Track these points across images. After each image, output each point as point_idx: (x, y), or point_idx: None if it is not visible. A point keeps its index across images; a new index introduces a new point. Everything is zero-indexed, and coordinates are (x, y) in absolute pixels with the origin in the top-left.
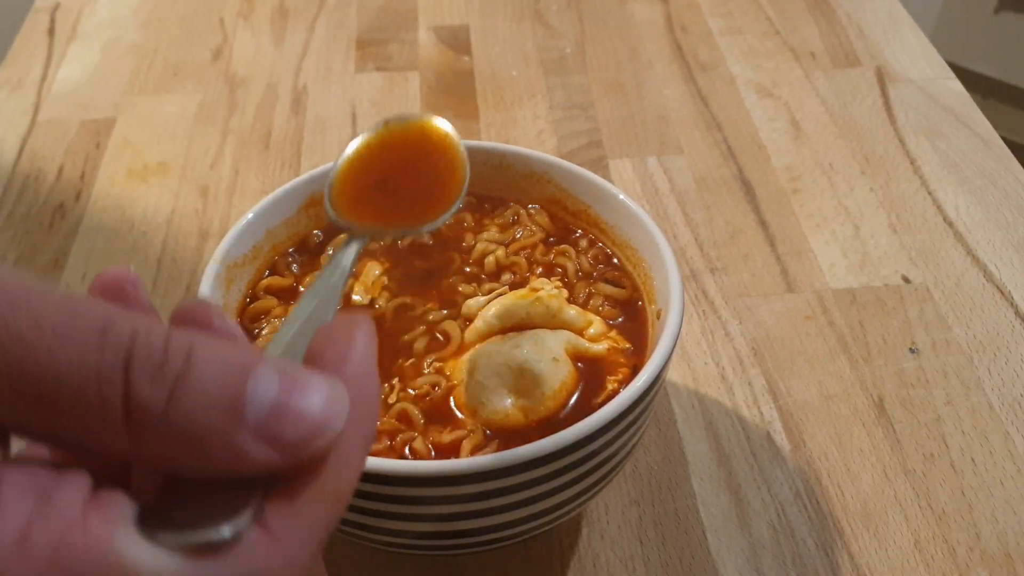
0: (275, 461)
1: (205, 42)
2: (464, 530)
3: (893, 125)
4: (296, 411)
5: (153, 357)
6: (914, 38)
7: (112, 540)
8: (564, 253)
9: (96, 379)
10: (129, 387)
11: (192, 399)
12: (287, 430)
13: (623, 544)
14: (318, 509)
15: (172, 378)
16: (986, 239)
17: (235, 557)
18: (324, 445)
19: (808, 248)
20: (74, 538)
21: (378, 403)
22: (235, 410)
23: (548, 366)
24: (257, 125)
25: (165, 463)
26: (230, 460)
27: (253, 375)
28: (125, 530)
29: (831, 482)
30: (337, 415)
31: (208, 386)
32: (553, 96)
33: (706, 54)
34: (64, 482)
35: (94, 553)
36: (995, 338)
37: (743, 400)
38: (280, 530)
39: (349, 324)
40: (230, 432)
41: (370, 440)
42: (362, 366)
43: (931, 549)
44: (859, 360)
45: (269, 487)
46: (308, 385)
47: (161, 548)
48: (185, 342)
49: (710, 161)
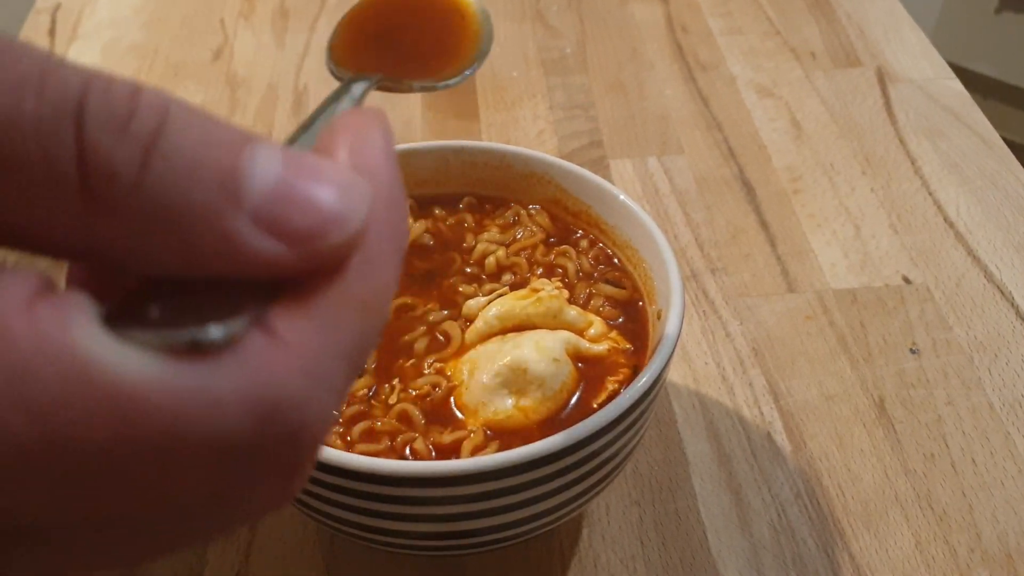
0: (281, 257)
1: (206, 42)
2: (465, 531)
3: (894, 125)
4: (306, 196)
5: (115, 108)
6: (915, 38)
7: (67, 333)
8: (564, 254)
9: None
10: (84, 143)
11: (173, 164)
12: (295, 217)
13: (624, 544)
14: (342, 316)
15: (145, 135)
16: (987, 239)
17: (234, 362)
18: (343, 240)
19: (809, 248)
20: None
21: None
22: (230, 185)
23: (549, 367)
24: (258, 125)
25: (136, 254)
26: (223, 250)
27: (249, 149)
28: (85, 324)
29: (832, 482)
30: (357, 204)
31: (193, 152)
32: (553, 96)
33: (706, 54)
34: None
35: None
36: (996, 338)
37: (744, 400)
38: (291, 335)
39: (362, 115)
40: (224, 212)
41: (402, 244)
42: (380, 157)
43: (932, 550)
44: (860, 360)
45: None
46: (318, 169)
47: (133, 347)
48: (158, 99)
49: (711, 161)
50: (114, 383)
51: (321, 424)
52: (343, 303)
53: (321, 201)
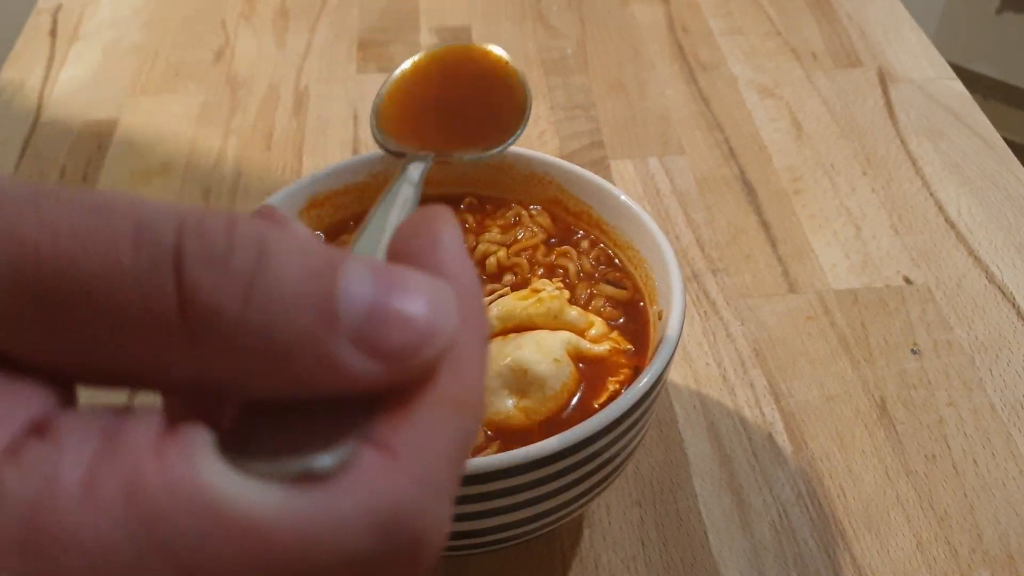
0: (378, 376)
1: (207, 43)
2: (466, 531)
3: (895, 125)
4: (400, 313)
5: (214, 248)
6: (915, 38)
7: (195, 472)
8: (565, 254)
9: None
10: (184, 287)
11: (274, 297)
12: (392, 336)
13: (625, 545)
14: (442, 419)
15: (246, 272)
16: (988, 240)
17: (350, 481)
18: (436, 353)
19: (810, 249)
20: (149, 476)
21: (481, 292)
22: (328, 312)
23: (549, 367)
24: (259, 126)
25: (240, 383)
26: (324, 376)
27: (342, 271)
28: (208, 461)
29: (833, 483)
30: (447, 315)
31: (292, 282)
32: (554, 97)
33: (707, 54)
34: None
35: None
36: (997, 339)
37: (745, 401)
38: (398, 447)
39: (428, 216)
40: (324, 338)
41: (485, 339)
42: (456, 257)
43: (933, 550)
44: (861, 361)
45: (371, 409)
46: (407, 282)
47: (253, 479)
48: (254, 230)
49: (711, 162)
50: (245, 518)
51: (438, 529)
52: (441, 407)
53: (414, 317)
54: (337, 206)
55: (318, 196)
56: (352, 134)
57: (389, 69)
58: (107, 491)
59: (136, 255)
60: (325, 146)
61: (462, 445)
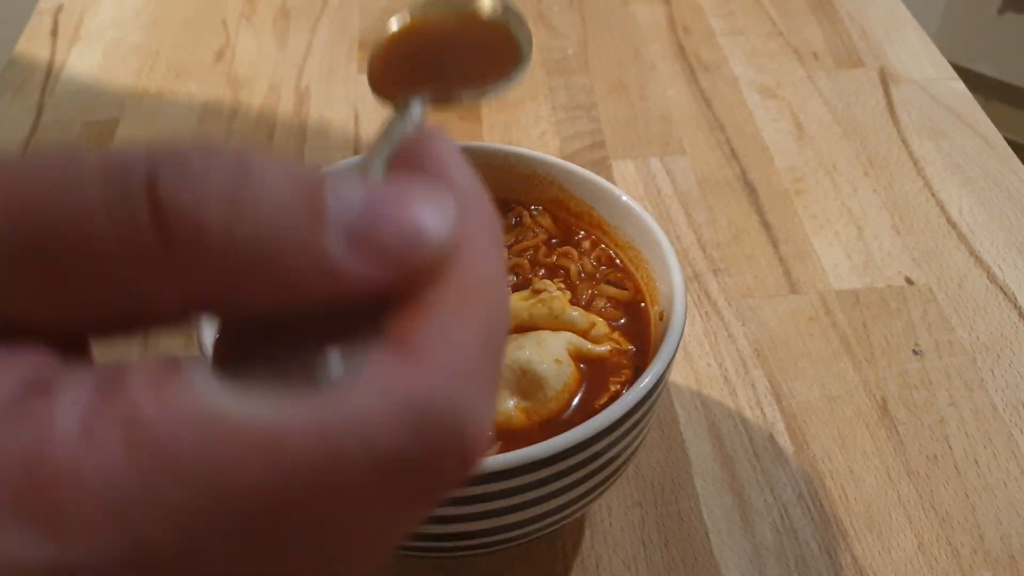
0: (378, 277)
1: (208, 43)
2: (466, 532)
3: (896, 126)
4: (394, 211)
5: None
6: (917, 39)
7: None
8: (567, 255)
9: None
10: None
11: (260, 205)
12: (387, 233)
13: (626, 546)
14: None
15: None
16: (989, 240)
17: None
18: (437, 247)
19: (811, 249)
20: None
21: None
22: (317, 212)
23: (551, 367)
24: (260, 127)
25: (237, 300)
26: (319, 279)
27: (329, 182)
28: (208, 384)
29: (834, 484)
30: (443, 207)
31: (278, 192)
32: (555, 97)
33: (709, 55)
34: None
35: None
36: (999, 340)
37: (746, 401)
38: (419, 344)
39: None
40: (315, 239)
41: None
42: (454, 163)
43: (935, 551)
44: (862, 361)
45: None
46: (400, 188)
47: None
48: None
49: (713, 162)
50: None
51: (480, 423)
52: (459, 298)
53: (409, 213)
54: None
55: None
56: (353, 134)
57: None
58: (105, 428)
59: (105, 190)
60: (326, 147)
61: (492, 332)
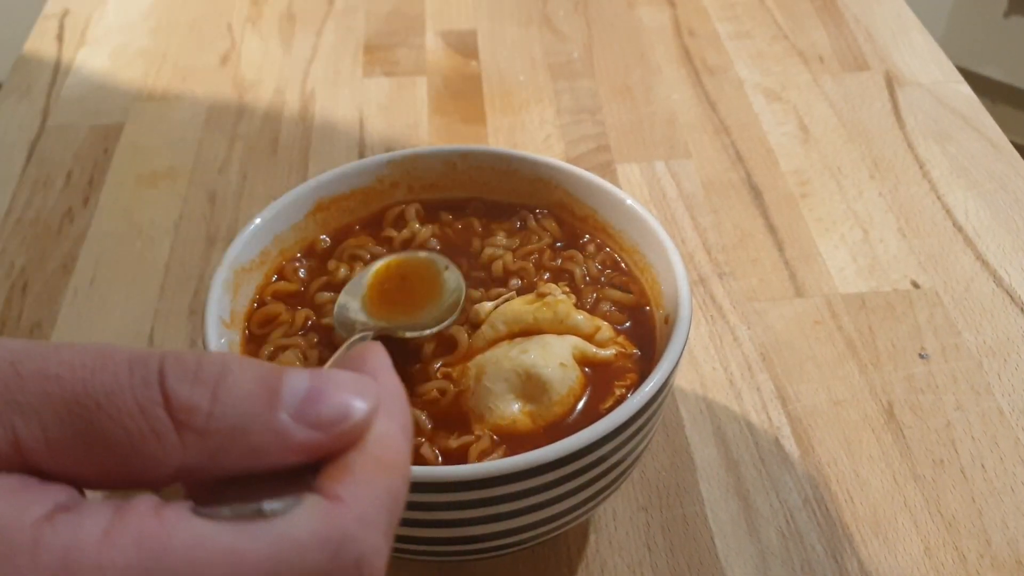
0: (315, 440)
1: (213, 47)
2: (471, 536)
3: (902, 129)
4: (328, 395)
5: (187, 367)
6: (923, 42)
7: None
8: (572, 258)
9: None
10: (167, 393)
11: (234, 394)
12: (323, 410)
13: (631, 550)
14: (375, 476)
15: (212, 380)
16: (995, 244)
17: (303, 516)
18: (360, 420)
19: (817, 253)
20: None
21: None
22: (273, 398)
23: (555, 371)
24: (265, 130)
25: (215, 463)
26: (274, 444)
27: (286, 374)
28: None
29: (840, 488)
30: (367, 394)
31: (246, 384)
32: (561, 100)
33: (714, 58)
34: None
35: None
36: (1005, 343)
37: (751, 405)
38: (343, 494)
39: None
40: (271, 416)
41: (409, 428)
42: (382, 366)
43: (941, 556)
44: (868, 365)
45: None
46: (335, 376)
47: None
48: (217, 355)
49: (718, 165)
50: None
51: (379, 555)
52: (374, 467)
53: (340, 395)
54: (343, 210)
55: (324, 200)
56: (358, 137)
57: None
58: (122, 536)
59: (131, 376)
60: (331, 150)
61: (393, 497)
